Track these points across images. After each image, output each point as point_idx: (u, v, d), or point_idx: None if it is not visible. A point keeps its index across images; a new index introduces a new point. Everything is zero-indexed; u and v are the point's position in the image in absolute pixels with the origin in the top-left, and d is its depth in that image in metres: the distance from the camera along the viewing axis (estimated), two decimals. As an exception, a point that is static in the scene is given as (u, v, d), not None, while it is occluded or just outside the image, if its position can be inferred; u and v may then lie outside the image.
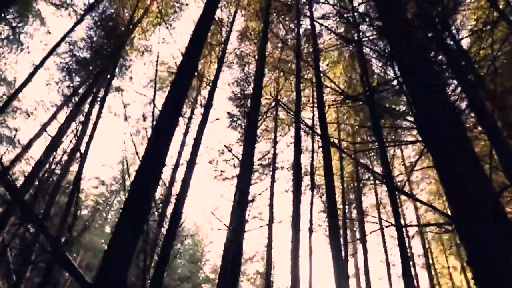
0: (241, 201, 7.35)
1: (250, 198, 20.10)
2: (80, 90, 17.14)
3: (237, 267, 6.79)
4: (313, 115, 18.18)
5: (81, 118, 16.15)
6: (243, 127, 17.84)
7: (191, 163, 11.86)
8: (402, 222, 22.14)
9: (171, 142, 5.54)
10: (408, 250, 19.90)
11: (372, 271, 25.80)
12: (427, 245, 22.14)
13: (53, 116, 16.83)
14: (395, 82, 8.83)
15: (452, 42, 8.51)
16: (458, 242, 23.86)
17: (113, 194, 29.30)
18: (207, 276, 35.04)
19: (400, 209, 18.27)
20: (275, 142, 19.08)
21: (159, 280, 9.75)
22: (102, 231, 28.37)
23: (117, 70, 18.19)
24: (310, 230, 15.03)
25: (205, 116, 13.35)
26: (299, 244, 9.67)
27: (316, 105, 13.10)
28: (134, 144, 12.35)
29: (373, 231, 7.64)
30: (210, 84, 15.21)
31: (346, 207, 21.86)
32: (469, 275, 23.18)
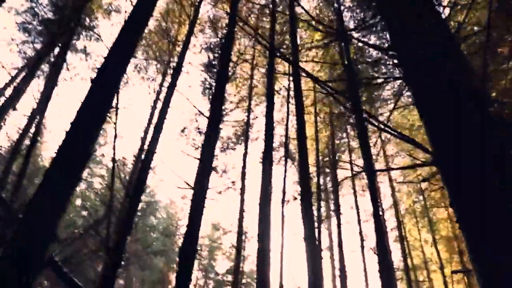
0: (204, 159, 6.76)
1: (223, 168, 19.55)
2: (42, 51, 16.01)
3: (196, 226, 6.24)
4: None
5: (42, 80, 15.12)
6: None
7: (158, 129, 11.18)
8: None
9: (117, 86, 4.88)
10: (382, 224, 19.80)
11: (345, 244, 25.81)
12: (400, 219, 22.15)
13: (14, 78, 15.73)
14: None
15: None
16: (430, 215, 24.01)
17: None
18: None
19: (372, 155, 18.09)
20: (249, 111, 18.45)
21: (121, 248, 9.18)
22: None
23: (82, 31, 17.06)
24: (283, 201, 14.64)
25: (174, 79, 12.59)
26: (268, 216, 9.20)
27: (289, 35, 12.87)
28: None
29: (346, 177, 7.21)
30: (181, 47, 14.37)
31: (321, 178, 21.57)
32: (440, 247, 23.41)
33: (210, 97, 17.97)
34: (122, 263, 9.03)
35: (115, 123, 11.33)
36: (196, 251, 6.17)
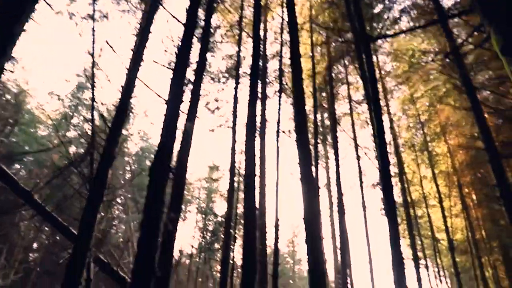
0: (178, 68, 5.90)
1: (215, 105, 18.67)
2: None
3: (169, 139, 5.50)
4: None
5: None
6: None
7: (138, 55, 10.19)
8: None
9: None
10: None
11: (343, 181, 25.41)
12: (399, 153, 21.62)
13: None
14: None
15: None
16: (429, 149, 23.48)
17: (72, 109, 27.34)
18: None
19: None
20: (239, 45, 17.27)
21: (103, 177, 8.53)
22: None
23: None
24: (277, 133, 13.94)
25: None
26: (251, 149, 8.44)
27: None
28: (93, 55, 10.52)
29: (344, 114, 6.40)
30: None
31: (318, 115, 20.76)
32: (439, 182, 23.08)
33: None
34: (104, 198, 8.40)
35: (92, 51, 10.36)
36: (170, 170, 5.44)
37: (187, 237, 40.37)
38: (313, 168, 14.43)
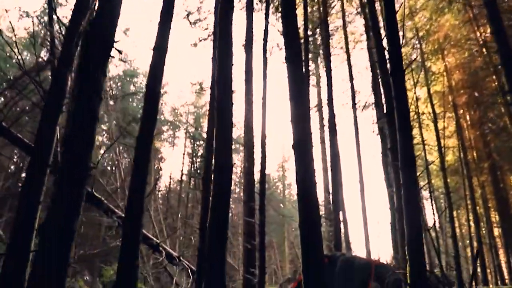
0: None
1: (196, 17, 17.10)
2: None
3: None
4: None
5: None
6: None
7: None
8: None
9: None
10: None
11: (336, 101, 24.51)
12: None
13: None
14: None
15: None
16: (426, 68, 22.41)
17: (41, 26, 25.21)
18: (165, 118, 33.69)
19: None
20: None
21: (62, 85, 7.47)
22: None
23: None
24: (265, 46, 12.67)
25: None
26: (228, 68, 7.30)
27: None
28: None
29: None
30: None
31: (309, 30, 19.24)
32: (434, 101, 22.31)
33: None
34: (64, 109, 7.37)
35: None
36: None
37: (177, 163, 40.13)
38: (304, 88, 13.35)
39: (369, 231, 18.22)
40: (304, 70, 14.63)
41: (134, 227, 6.85)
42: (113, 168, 26.40)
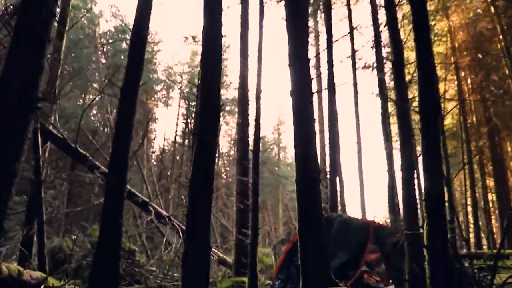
0: None
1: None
2: None
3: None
4: None
5: None
6: None
7: None
8: None
9: None
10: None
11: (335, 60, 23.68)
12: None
13: None
14: None
15: None
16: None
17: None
18: (159, 77, 32.77)
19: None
20: None
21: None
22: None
23: None
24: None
25: None
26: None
27: None
28: None
29: None
30: None
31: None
32: (437, 62, 21.58)
33: None
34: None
35: None
36: None
37: (171, 124, 39.50)
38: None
39: (365, 193, 18.00)
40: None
41: (118, 181, 6.35)
42: (106, 130, 25.84)
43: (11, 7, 8.04)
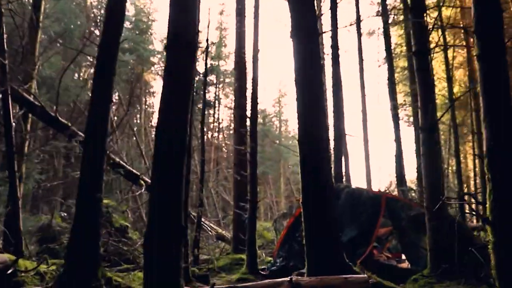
0: None
1: None
2: None
3: None
4: None
5: None
6: None
7: None
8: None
9: None
10: None
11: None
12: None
13: None
14: None
15: None
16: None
17: None
18: (155, 48, 31.49)
19: None
20: None
21: None
22: None
23: None
24: None
25: None
26: None
27: None
28: None
29: None
30: None
31: None
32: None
33: None
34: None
35: None
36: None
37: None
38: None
39: (371, 163, 17.36)
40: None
41: (95, 149, 5.55)
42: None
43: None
